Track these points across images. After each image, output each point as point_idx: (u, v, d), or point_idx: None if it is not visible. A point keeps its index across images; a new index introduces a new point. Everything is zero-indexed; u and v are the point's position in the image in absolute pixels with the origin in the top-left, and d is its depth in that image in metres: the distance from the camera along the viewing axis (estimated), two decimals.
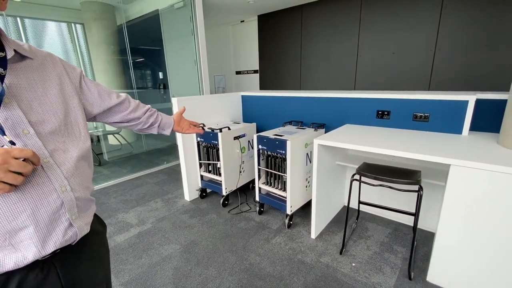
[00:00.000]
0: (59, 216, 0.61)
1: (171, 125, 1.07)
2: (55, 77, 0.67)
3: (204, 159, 2.68)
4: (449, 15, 3.04)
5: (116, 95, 0.87)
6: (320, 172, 1.97)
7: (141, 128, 0.98)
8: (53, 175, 0.59)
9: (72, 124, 0.68)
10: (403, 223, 2.21)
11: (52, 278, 0.63)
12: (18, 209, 0.54)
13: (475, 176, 1.32)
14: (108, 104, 0.83)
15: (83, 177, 0.68)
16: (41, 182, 0.57)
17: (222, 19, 5.15)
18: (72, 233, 0.64)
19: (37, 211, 0.56)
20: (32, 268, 0.59)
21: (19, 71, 0.59)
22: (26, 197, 0.55)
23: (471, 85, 3.04)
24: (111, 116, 0.87)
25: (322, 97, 2.54)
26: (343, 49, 3.96)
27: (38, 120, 0.60)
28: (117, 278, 1.71)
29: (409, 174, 1.61)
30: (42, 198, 0.57)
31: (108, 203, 2.78)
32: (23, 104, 0.58)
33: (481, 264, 1.40)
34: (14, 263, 0.56)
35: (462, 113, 1.86)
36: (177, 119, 1.12)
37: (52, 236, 0.60)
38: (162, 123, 1.04)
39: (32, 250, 0.57)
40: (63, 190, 0.61)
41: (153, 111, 1.01)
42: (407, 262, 1.76)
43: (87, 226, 0.70)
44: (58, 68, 0.69)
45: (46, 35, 3.89)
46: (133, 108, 0.92)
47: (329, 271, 1.71)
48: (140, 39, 4.53)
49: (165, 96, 4.73)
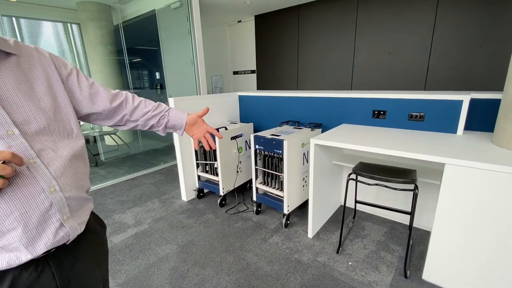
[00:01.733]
0: (49, 216, 0.59)
1: (181, 127, 0.95)
2: (42, 73, 0.64)
3: (201, 159, 2.67)
4: (445, 16, 3.07)
5: (111, 99, 0.81)
6: (317, 172, 1.97)
7: (141, 129, 0.92)
8: (40, 176, 0.58)
9: (63, 121, 0.66)
10: (399, 222, 2.23)
11: (47, 276, 0.62)
12: (5, 212, 0.53)
13: (469, 175, 1.34)
14: (99, 108, 0.78)
15: (76, 175, 0.66)
16: (27, 183, 0.56)
17: (219, 19, 5.15)
18: (64, 233, 0.63)
19: (25, 213, 0.55)
20: (26, 266, 0.59)
21: (2, 70, 0.57)
22: (12, 199, 0.54)
23: (466, 85, 3.07)
24: (104, 120, 0.83)
25: (318, 97, 2.55)
26: (340, 49, 3.98)
27: (24, 119, 0.58)
28: (113, 279, 1.71)
29: (404, 173, 1.62)
30: (29, 199, 0.56)
31: (104, 203, 2.77)
32: (7, 104, 0.56)
33: (476, 262, 1.42)
34: (7, 262, 0.56)
35: (457, 113, 1.88)
36: (190, 122, 0.95)
37: (42, 237, 0.59)
38: (169, 125, 0.93)
39: (23, 251, 0.56)
40: (52, 191, 0.59)
41: (156, 112, 0.90)
42: (403, 260, 1.78)
43: (81, 225, 0.68)
44: (46, 63, 0.66)
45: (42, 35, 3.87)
46: (129, 111, 0.86)
47: (325, 270, 1.72)
48: (137, 39, 4.52)
49: (162, 97, 4.72)
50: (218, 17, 4.91)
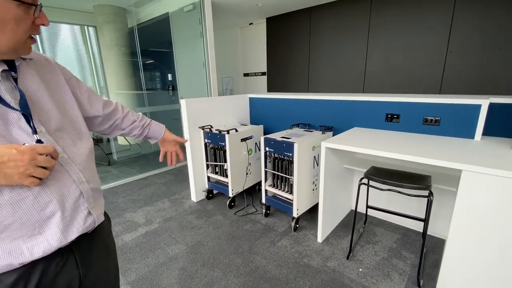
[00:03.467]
0: (79, 205, 0.66)
1: (157, 139, 1.08)
2: (52, 77, 0.69)
3: (211, 161, 2.69)
4: (462, 17, 2.99)
5: (104, 104, 0.86)
6: (327, 175, 1.95)
7: (124, 135, 1.00)
8: (69, 168, 0.64)
9: (74, 122, 0.71)
10: (412, 229, 2.17)
11: (71, 264, 0.67)
12: (46, 200, 0.58)
13: (488, 182, 1.29)
14: (96, 112, 0.84)
15: (93, 170, 0.73)
16: (61, 175, 0.62)
17: (230, 22, 5.19)
18: (91, 220, 0.69)
19: (61, 201, 0.61)
20: (54, 255, 0.63)
21: (26, 72, 0.62)
22: (51, 188, 0.59)
23: (484, 89, 2.97)
24: (97, 126, 0.88)
25: (330, 100, 2.52)
26: (352, 51, 3.93)
27: (47, 118, 0.63)
28: (124, 277, 1.73)
29: (419, 179, 1.58)
30: (63, 189, 0.62)
31: (116, 202, 2.83)
32: (33, 104, 0.60)
33: (494, 274, 1.36)
34: (42, 251, 0.59)
35: (475, 117, 1.82)
36: (167, 138, 1.10)
37: (74, 223, 0.65)
38: (148, 136, 1.04)
39: (57, 237, 0.61)
40: (80, 182, 0.65)
41: (142, 124, 1.00)
42: (416, 269, 1.72)
43: (101, 215, 0.75)
44: (54, 69, 0.71)
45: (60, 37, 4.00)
46: (120, 119, 0.93)
47: (335, 275, 1.69)
48: (150, 41, 4.61)
49: (173, 98, 4.79)
50: (230, 19, 4.95)
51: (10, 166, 0.49)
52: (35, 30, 0.57)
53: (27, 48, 0.58)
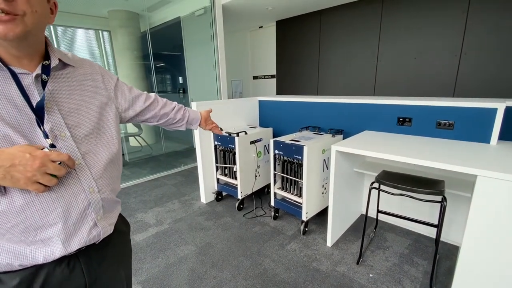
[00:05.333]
0: (85, 215, 0.64)
1: (198, 120, 1.13)
2: (91, 83, 0.71)
3: (221, 163, 2.71)
4: (477, 19, 2.92)
5: (146, 96, 0.91)
6: (337, 179, 1.93)
7: (170, 124, 1.03)
8: (83, 176, 0.62)
9: (104, 128, 0.71)
10: (424, 235, 2.12)
11: (77, 273, 0.66)
12: (50, 207, 0.57)
13: (504, 188, 1.25)
14: (139, 107, 0.88)
15: (111, 179, 0.71)
16: (72, 182, 0.60)
17: (241, 25, 5.24)
18: (96, 232, 0.67)
19: (67, 210, 0.60)
20: (59, 262, 0.62)
21: (60, 78, 0.64)
22: (58, 196, 0.58)
23: (500, 92, 2.89)
24: (143, 115, 0.92)
25: (340, 103, 2.51)
26: (363, 54, 3.89)
27: (75, 123, 0.64)
28: (135, 276, 1.76)
29: (432, 183, 1.55)
30: (72, 197, 0.60)
31: (128, 202, 2.88)
32: (62, 108, 0.62)
33: (510, 283, 1.32)
34: (43, 257, 0.59)
35: (490, 121, 1.77)
36: (205, 115, 1.18)
37: (77, 234, 0.63)
38: (189, 119, 1.09)
39: (58, 247, 0.60)
40: (91, 191, 0.64)
41: (180, 106, 1.06)
42: (429, 275, 1.69)
43: (110, 226, 0.73)
44: (96, 76, 0.73)
45: (76, 41, 4.13)
46: (161, 105, 0.97)
47: (345, 280, 1.67)
48: (162, 45, 4.70)
49: (184, 100, 4.86)
50: (240, 23, 5.00)
51: (19, 170, 0.48)
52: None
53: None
